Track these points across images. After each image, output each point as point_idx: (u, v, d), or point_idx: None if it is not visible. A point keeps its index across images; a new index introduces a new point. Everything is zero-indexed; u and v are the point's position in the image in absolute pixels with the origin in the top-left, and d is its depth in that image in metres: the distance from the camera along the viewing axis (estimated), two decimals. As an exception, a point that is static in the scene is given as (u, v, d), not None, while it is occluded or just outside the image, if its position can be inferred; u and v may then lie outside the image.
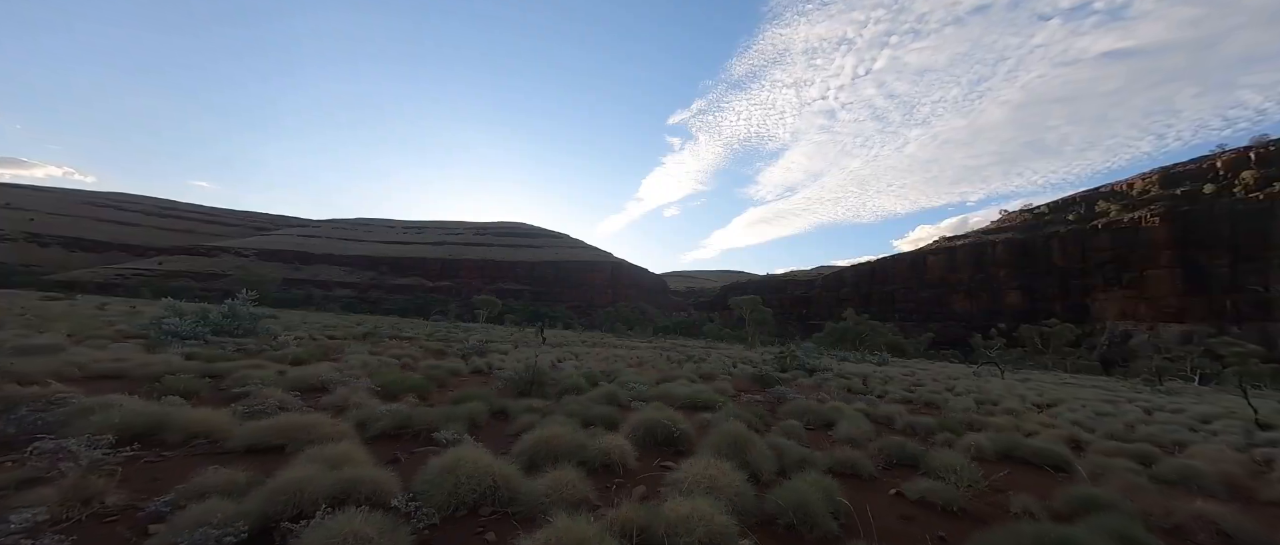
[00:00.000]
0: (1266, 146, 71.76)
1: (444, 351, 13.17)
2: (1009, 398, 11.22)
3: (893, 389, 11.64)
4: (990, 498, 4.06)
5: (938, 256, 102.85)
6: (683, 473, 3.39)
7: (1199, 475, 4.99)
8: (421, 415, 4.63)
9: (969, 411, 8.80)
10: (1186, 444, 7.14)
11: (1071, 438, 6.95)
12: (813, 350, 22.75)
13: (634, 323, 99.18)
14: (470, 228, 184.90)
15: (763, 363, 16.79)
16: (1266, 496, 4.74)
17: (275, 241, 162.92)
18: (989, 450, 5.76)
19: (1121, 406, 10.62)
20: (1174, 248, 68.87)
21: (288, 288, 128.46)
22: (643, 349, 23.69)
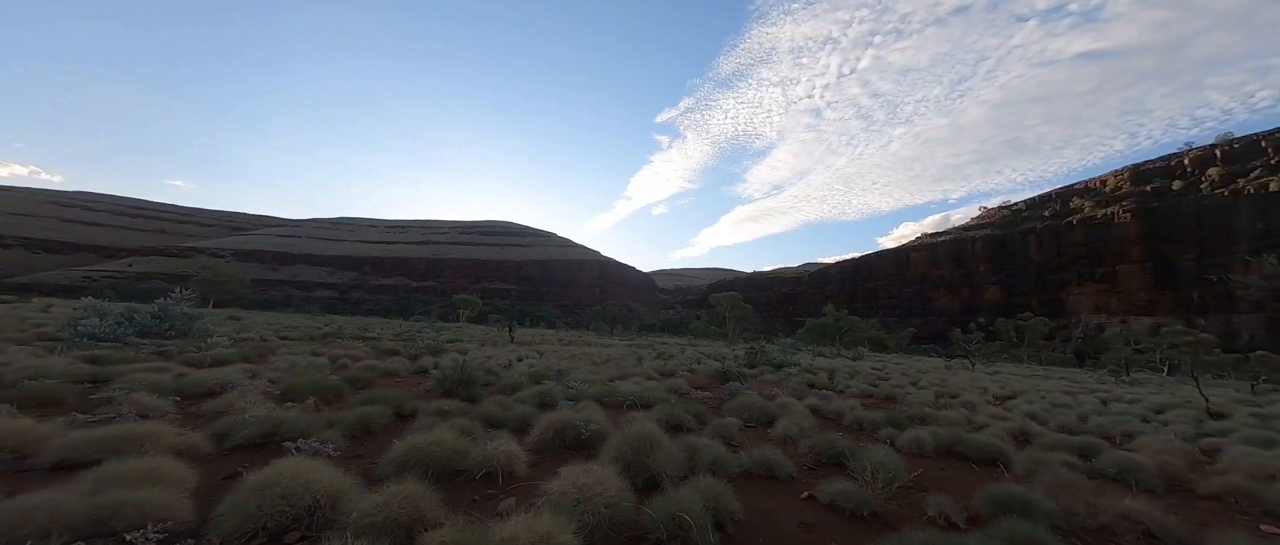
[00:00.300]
0: (1230, 144, 74.13)
1: (396, 352, 12.61)
2: (971, 391, 11.09)
3: (856, 383, 11.44)
4: (908, 498, 3.76)
5: (920, 253, 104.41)
6: (560, 482, 3.00)
7: (1138, 469, 4.78)
8: (295, 422, 4.16)
9: (925, 405, 8.60)
10: (1135, 435, 7.00)
11: (1021, 430, 6.75)
12: (789, 346, 22.59)
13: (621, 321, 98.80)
14: (455, 227, 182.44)
15: (732, 359, 16.53)
16: (1205, 490, 4.53)
17: (253, 241, 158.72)
18: (930, 446, 5.50)
19: (1080, 398, 10.57)
20: (1144, 243, 70.78)
21: (265, 289, 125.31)
22: (617, 347, 23.29)
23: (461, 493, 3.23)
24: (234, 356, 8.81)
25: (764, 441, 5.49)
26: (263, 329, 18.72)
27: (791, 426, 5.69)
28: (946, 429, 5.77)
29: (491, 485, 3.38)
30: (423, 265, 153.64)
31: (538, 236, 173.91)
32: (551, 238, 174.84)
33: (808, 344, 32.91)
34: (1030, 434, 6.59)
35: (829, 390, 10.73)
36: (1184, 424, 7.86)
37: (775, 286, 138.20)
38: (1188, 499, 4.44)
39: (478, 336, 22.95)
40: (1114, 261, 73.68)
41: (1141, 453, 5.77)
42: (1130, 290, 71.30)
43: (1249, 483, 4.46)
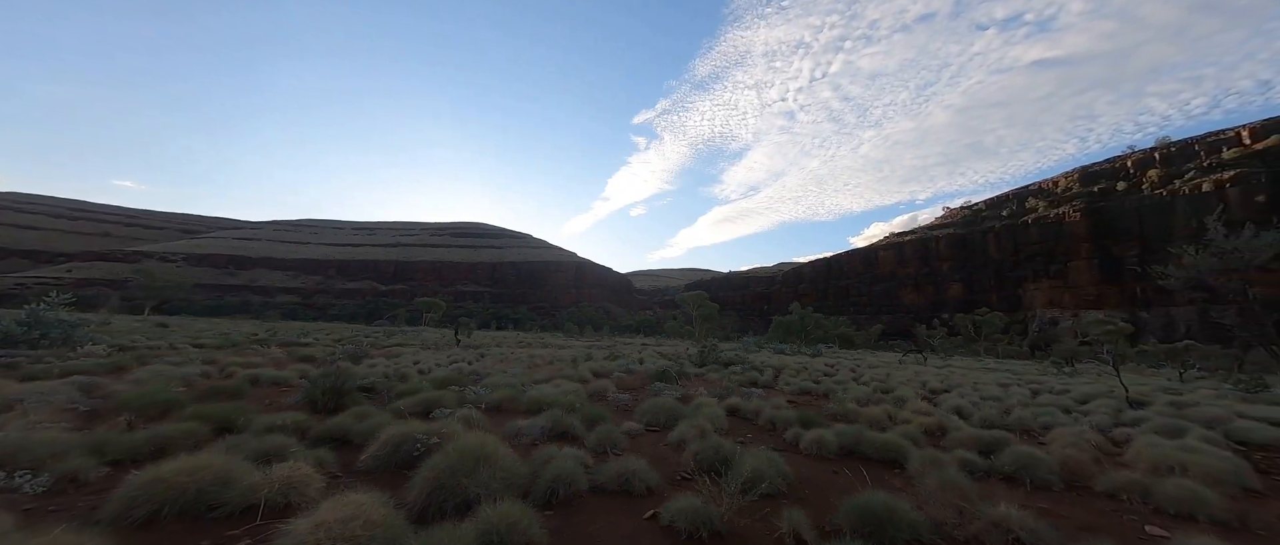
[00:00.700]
0: (1167, 148, 79.09)
1: (313, 358, 11.63)
2: (908, 385, 10.97)
3: (799, 380, 11.17)
4: (768, 511, 3.32)
5: (888, 252, 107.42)
6: (314, 517, 2.40)
7: (1038, 465, 4.51)
8: (40, 447, 3.40)
9: (854, 401, 8.33)
10: (1053, 427, 6.86)
11: (939, 426, 6.50)
12: (752, 344, 22.38)
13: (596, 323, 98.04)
14: (426, 228, 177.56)
15: (685, 358, 16.14)
16: (1102, 486, 4.28)
17: (207, 245, 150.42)
18: (833, 446, 5.14)
19: (1013, 390, 10.60)
20: (1092, 240, 74.56)
21: (221, 295, 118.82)
22: (575, 348, 22.64)
23: (196, 536, 2.59)
24: (95, 367, 7.78)
25: (658, 447, 5.01)
26: (180, 336, 17.23)
27: (690, 430, 5.22)
28: (853, 428, 5.41)
29: (248, 521, 2.74)
30: (392, 268, 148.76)
31: (513, 238, 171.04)
32: (527, 239, 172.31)
33: (775, 342, 33.01)
34: (947, 429, 6.34)
35: (766, 387, 10.41)
36: (1104, 414, 7.81)
37: (751, 286, 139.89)
38: (1082, 497, 4.18)
39: (430, 340, 21.89)
40: (1065, 258, 77.37)
41: (1052, 446, 5.57)
42: (1080, 285, 74.98)
43: (1145, 478, 4.22)
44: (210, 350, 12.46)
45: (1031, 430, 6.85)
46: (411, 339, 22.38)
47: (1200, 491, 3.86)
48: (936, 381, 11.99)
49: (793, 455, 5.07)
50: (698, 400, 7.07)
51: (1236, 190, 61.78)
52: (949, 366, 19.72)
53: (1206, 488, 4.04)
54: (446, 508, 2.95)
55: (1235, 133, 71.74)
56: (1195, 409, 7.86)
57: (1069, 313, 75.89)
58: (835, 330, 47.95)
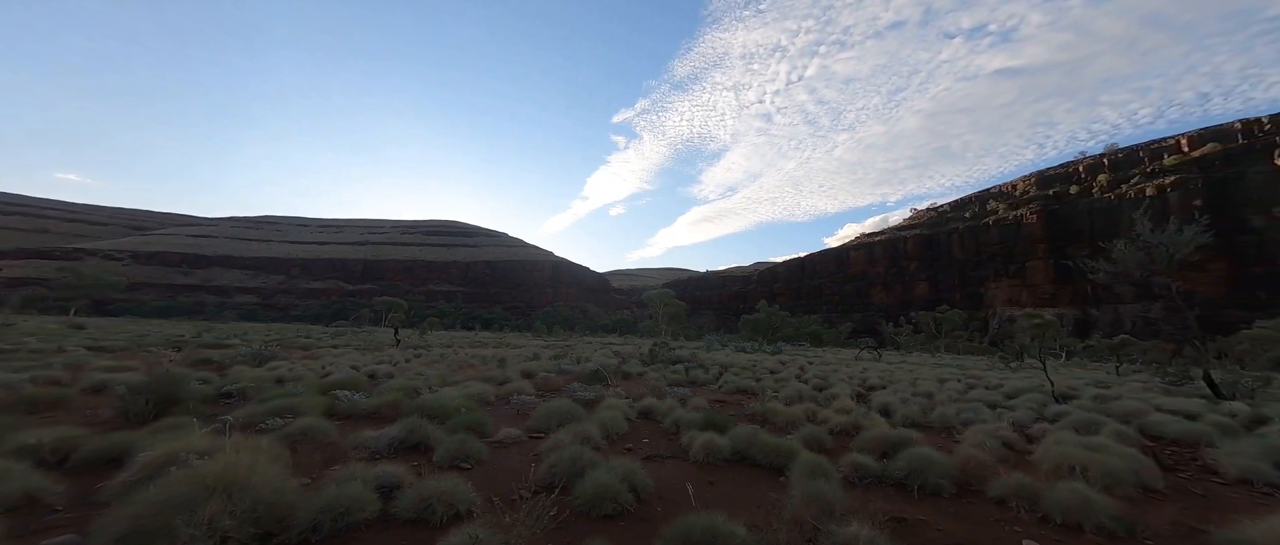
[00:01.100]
0: (1116, 154, 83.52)
1: (213, 362, 10.55)
2: (848, 382, 10.71)
3: (740, 378, 10.75)
4: (570, 533, 2.75)
5: (859, 252, 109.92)
6: None
7: (931, 469, 4.10)
8: None
9: (787, 399, 7.94)
10: (974, 423, 6.60)
11: (854, 425, 6.13)
12: (716, 342, 22.04)
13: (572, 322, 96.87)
14: (397, 226, 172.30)
15: (635, 356, 15.61)
16: (995, 491, 3.90)
17: (157, 242, 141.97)
18: (726, 450, 4.65)
19: (948, 385, 10.49)
20: (1047, 241, 77.96)
21: (172, 294, 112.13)
22: (533, 348, 21.85)
23: None
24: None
25: (523, 458, 4.40)
26: (87, 338, 15.62)
27: (567, 437, 4.64)
28: (747, 430, 4.93)
29: None
30: (360, 267, 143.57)
31: (488, 236, 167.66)
32: (502, 238, 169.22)
33: (739, 340, 32.91)
34: (862, 428, 5.95)
35: (703, 386, 9.96)
36: (1028, 409, 7.64)
37: (727, 285, 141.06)
38: (970, 503, 3.79)
39: (373, 341, 20.69)
40: (1023, 258, 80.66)
41: (962, 445, 5.24)
42: (1037, 284, 78.30)
43: (1038, 482, 3.86)
44: (105, 354, 11.20)
45: (951, 428, 6.56)
46: (354, 340, 21.13)
47: (1091, 497, 3.50)
48: (877, 378, 11.80)
49: (678, 463, 4.55)
50: (607, 402, 6.50)
51: (1176, 194, 65.62)
52: (903, 363, 19.85)
53: (1100, 493, 3.71)
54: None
55: (1176, 141, 76.31)
56: (1118, 403, 7.78)
57: (1028, 310, 79.29)
58: (806, 329, 48.43)
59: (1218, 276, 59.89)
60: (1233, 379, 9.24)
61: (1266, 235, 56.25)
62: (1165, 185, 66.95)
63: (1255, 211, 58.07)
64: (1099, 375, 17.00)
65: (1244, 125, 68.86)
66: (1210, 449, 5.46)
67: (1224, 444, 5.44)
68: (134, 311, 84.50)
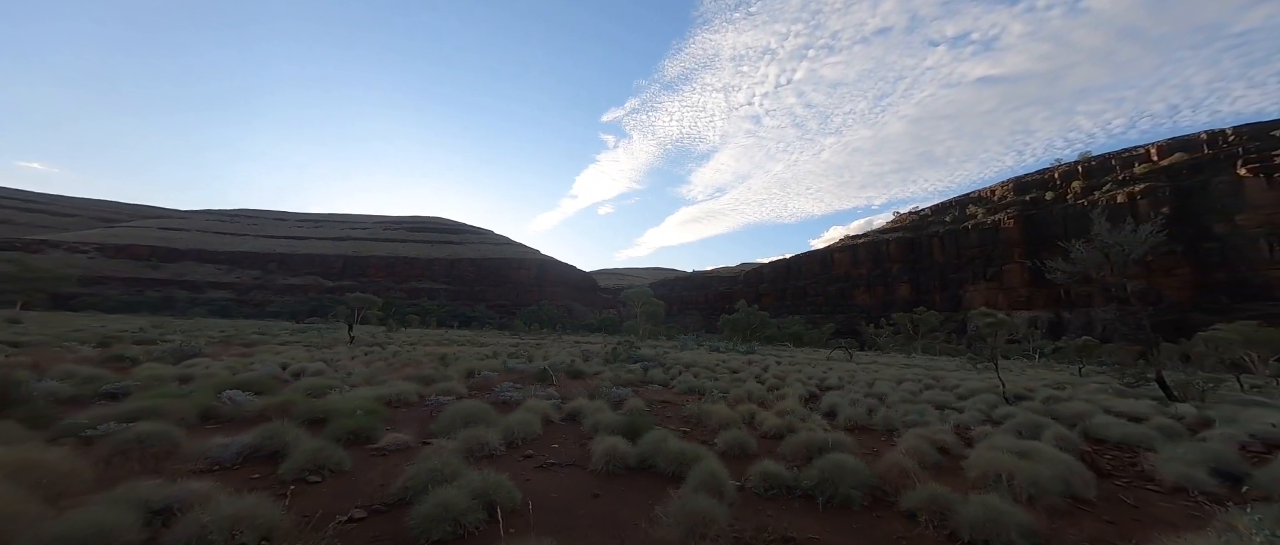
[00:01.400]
0: (1089, 162, 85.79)
1: (124, 359, 9.78)
2: (803, 383, 10.40)
3: (698, 379, 10.34)
4: None
5: (843, 254, 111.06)
6: None
7: (844, 478, 3.73)
8: None
9: (735, 400, 7.56)
10: (918, 425, 6.30)
11: (788, 427, 5.75)
12: (691, 341, 21.69)
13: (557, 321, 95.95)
14: (380, 222, 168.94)
15: (598, 355, 15.15)
16: (908, 503, 3.53)
17: (126, 234, 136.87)
18: (630, 458, 4.23)
19: (905, 385, 10.26)
20: (1023, 245, 79.64)
21: (140, 289, 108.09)
22: (497, 345, 21.21)
23: None
24: None
25: (390, 469, 3.90)
26: (14, 333, 14.57)
27: (452, 445, 4.16)
28: (656, 435, 4.51)
29: None
30: (340, 263, 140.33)
31: (473, 234, 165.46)
32: (488, 235, 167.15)
33: (715, 340, 32.68)
34: (795, 430, 5.58)
35: (660, 386, 9.55)
36: (976, 411, 7.39)
37: (713, 285, 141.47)
38: (878, 518, 3.42)
39: (325, 339, 19.85)
40: (1001, 261, 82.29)
41: (896, 450, 4.90)
42: (1013, 287, 79.95)
43: (953, 494, 3.51)
44: (12, 350, 10.32)
45: (893, 430, 6.25)
46: (311, 337, 20.26)
47: (1005, 511, 3.15)
48: (837, 379, 11.54)
49: (575, 471, 4.10)
50: (526, 403, 6.02)
51: (1145, 201, 67.58)
52: (873, 363, 19.78)
53: (1020, 505, 3.37)
54: None
55: (1145, 150, 78.67)
56: (1067, 405, 7.58)
57: (1003, 312, 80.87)
58: (789, 329, 48.53)
59: (1183, 281, 61.85)
60: (1185, 381, 9.19)
61: (1228, 242, 58.21)
62: (1135, 192, 68.91)
63: (1218, 220, 60.08)
64: (1062, 376, 17.09)
65: (1209, 136, 71.23)
66: (1150, 453, 5.22)
67: (1165, 449, 5.21)
68: (98, 306, 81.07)
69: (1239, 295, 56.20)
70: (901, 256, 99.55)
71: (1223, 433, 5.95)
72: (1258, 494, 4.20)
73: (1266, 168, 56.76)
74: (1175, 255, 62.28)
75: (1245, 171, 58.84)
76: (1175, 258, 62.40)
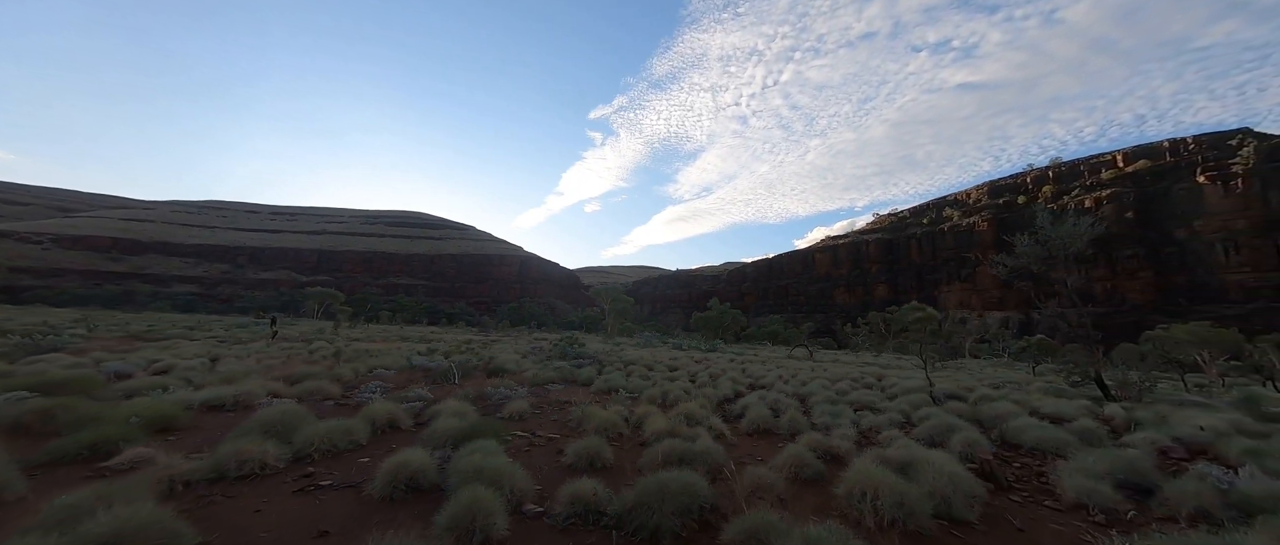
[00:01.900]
0: (1060, 167, 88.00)
1: None
2: (731, 383, 9.76)
3: (616, 377, 9.63)
4: None
5: (824, 254, 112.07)
6: None
7: (667, 501, 3.03)
8: None
9: (649, 401, 6.86)
10: (833, 428, 5.69)
11: (670, 431, 5.05)
12: (654, 339, 21.01)
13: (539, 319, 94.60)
14: (357, 216, 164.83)
15: (542, 352, 14.35)
16: (728, 535, 2.83)
17: (85, 225, 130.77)
18: (429, 476, 3.44)
19: (840, 384, 9.73)
20: (997, 247, 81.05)
21: (99, 282, 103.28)
22: (443, 342, 20.19)
23: None
24: None
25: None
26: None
27: (221, 456, 3.33)
28: (486, 446, 3.75)
29: None
30: (314, 257, 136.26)
31: (454, 229, 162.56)
32: (470, 231, 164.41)
33: (694, 337, 32.12)
34: (675, 434, 4.88)
35: (578, 384, 8.80)
36: (899, 411, 6.83)
37: (697, 284, 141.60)
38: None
39: (249, 334, 18.60)
40: (975, 263, 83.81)
41: (774, 460, 4.26)
42: (985, 288, 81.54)
43: (780, 525, 2.83)
44: None
45: (796, 434, 5.61)
46: (239, 333, 18.98)
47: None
48: (775, 377, 10.95)
49: (347, 495, 3.31)
50: (370, 407, 5.20)
51: (1111, 206, 69.43)
52: (835, 362, 19.38)
53: (861, 537, 2.72)
54: None
55: (1112, 157, 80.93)
56: (994, 405, 7.07)
57: (976, 313, 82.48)
58: (767, 328, 48.30)
59: (1146, 284, 63.71)
60: (1123, 380, 8.85)
61: (1187, 247, 60.09)
62: (1102, 197, 70.75)
63: (1178, 225, 62.00)
64: (1016, 375, 16.92)
65: (1171, 144, 73.51)
66: (1061, 461, 4.68)
67: (1078, 455, 4.68)
68: (49, 299, 76.94)
69: (1197, 298, 58.06)
70: (880, 257, 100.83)
71: (1146, 437, 5.48)
72: (1162, 513, 3.65)
73: (1224, 175, 58.74)
74: (1138, 259, 64.15)
75: (1204, 179, 60.82)
76: (1138, 261, 64.26)
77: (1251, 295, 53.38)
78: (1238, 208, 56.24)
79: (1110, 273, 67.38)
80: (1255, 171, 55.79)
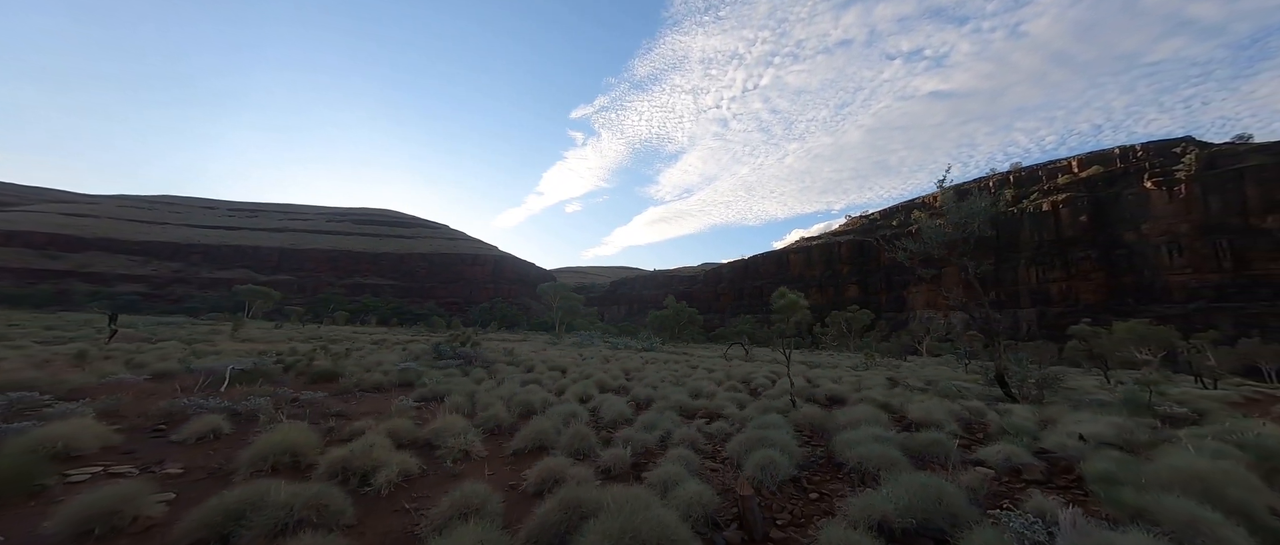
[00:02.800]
0: (1020, 172, 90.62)
1: None
2: (596, 388, 8.60)
3: (452, 383, 8.34)
4: None
5: (797, 255, 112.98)
6: None
7: None
8: None
9: (484, 406, 5.58)
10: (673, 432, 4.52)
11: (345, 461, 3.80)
12: (593, 337, 19.79)
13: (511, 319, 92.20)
14: (323, 213, 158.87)
15: (430, 354, 12.92)
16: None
17: (21, 220, 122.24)
18: None
19: (723, 387, 8.70)
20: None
21: (35, 281, 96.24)
22: (354, 345, 18.52)
23: None
24: None
25: None
26: None
27: None
28: None
29: None
30: (275, 256, 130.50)
31: (425, 228, 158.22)
32: (442, 230, 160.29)
33: (646, 336, 30.99)
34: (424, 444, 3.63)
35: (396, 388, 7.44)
36: (739, 419, 5.73)
37: (674, 284, 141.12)
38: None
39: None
40: (940, 265, 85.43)
41: (448, 498, 3.04)
42: (951, 289, 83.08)
43: None
44: None
45: (578, 451, 4.44)
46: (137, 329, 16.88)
47: None
48: (658, 378, 9.84)
49: None
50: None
51: (1067, 209, 71.60)
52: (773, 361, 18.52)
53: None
54: None
55: (1068, 163, 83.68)
56: (847, 411, 6.06)
57: (942, 313, 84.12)
58: (740, 327, 47.67)
59: (1098, 285, 65.75)
60: (1021, 377, 8.10)
61: (1135, 249, 62.23)
62: (1058, 202, 72.90)
63: (1128, 229, 64.20)
64: (954, 373, 16.35)
65: (1122, 151, 76.34)
66: (867, 490, 3.64)
67: (890, 480, 3.64)
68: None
69: (1144, 298, 60.09)
70: (851, 258, 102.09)
71: (1000, 451, 4.52)
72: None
73: (1169, 181, 61.06)
74: (1091, 260, 66.16)
75: (1151, 184, 63.14)
76: (1091, 263, 66.28)
77: (1193, 295, 55.48)
78: (1180, 212, 58.48)
79: (1065, 274, 69.37)
80: (1197, 178, 58.12)
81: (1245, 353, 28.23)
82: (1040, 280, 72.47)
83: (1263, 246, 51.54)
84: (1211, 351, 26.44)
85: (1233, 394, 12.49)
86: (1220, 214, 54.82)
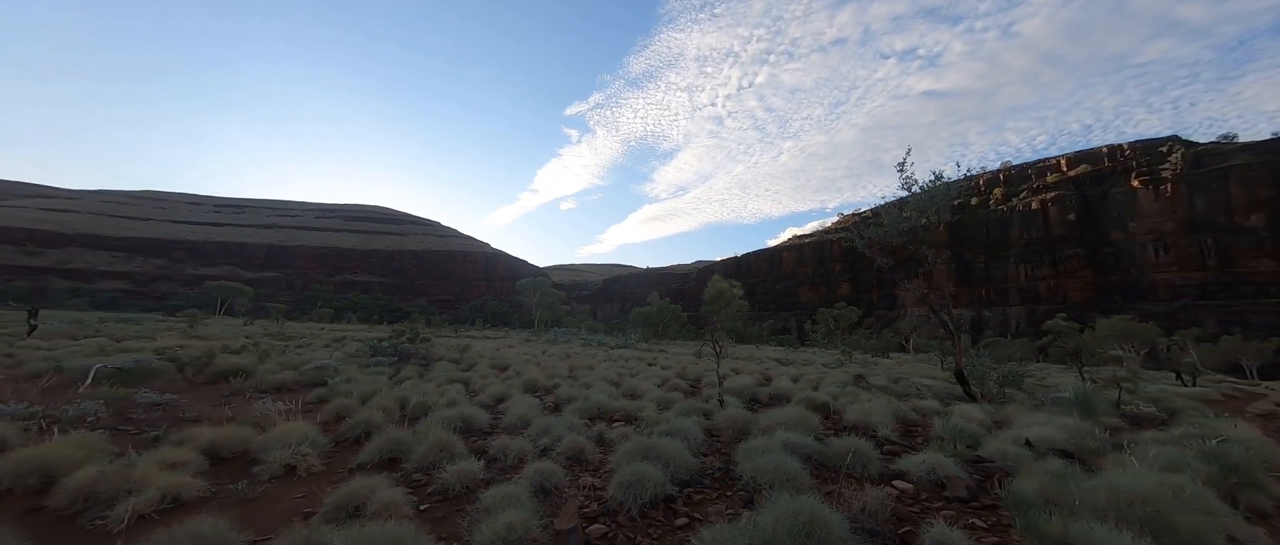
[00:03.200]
0: (1009, 171, 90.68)
1: None
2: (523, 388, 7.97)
3: (368, 382, 7.67)
4: None
5: (790, 253, 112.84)
6: None
7: None
8: None
9: (384, 407, 4.91)
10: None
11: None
12: (565, 334, 19.14)
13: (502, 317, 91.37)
14: (312, 210, 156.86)
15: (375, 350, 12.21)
16: None
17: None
18: None
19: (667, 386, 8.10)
20: (951, 247, 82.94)
21: (12, 278, 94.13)
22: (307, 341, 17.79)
23: None
24: None
25: None
26: None
27: None
28: None
29: None
30: (263, 252, 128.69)
31: (417, 225, 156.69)
32: (434, 227, 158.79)
33: (631, 330, 30.37)
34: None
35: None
36: (654, 422, 5.12)
37: (667, 282, 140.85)
38: None
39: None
40: (917, 262, 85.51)
41: None
42: (941, 286, 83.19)
43: None
44: None
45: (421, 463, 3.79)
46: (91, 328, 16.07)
47: None
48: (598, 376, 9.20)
49: None
50: None
51: (1055, 208, 71.68)
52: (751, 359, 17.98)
53: None
54: None
55: (1056, 162, 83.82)
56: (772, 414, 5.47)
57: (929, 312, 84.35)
58: (729, 326, 47.05)
59: (1086, 283, 65.90)
60: (981, 374, 7.57)
61: (1122, 247, 62.37)
62: (1047, 200, 72.97)
63: (1115, 227, 64.33)
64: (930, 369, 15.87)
65: (1109, 150, 76.47)
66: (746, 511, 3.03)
67: (772, 500, 3.04)
68: (-59, 296, 69.09)
69: (1130, 296, 60.24)
70: (843, 256, 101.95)
71: (924, 461, 3.92)
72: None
73: (1155, 180, 61.17)
74: (1079, 258, 66.23)
75: (1138, 183, 63.25)
76: (1079, 261, 66.36)
77: (1178, 293, 55.63)
78: (1166, 211, 58.60)
79: (1054, 272, 69.50)
80: (1182, 177, 58.22)
81: (1228, 350, 28.12)
82: (1029, 278, 72.58)
83: (1246, 245, 51.73)
84: (1194, 348, 26.29)
85: (1211, 391, 12.07)
86: (1205, 212, 54.97)
